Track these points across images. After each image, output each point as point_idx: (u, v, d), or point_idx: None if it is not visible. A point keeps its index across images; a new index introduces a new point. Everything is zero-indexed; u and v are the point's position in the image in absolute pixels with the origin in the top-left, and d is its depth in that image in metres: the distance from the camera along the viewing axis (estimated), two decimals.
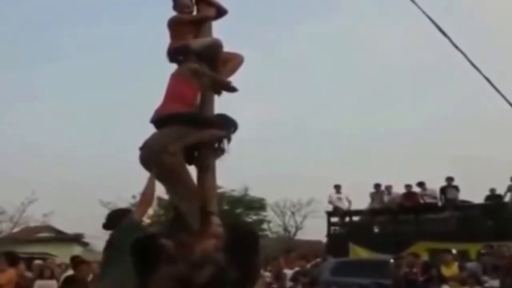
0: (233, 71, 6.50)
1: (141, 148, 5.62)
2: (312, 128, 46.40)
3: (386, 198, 19.66)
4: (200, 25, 6.54)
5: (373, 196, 19.87)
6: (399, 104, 46.32)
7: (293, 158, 43.66)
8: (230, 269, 4.65)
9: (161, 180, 5.66)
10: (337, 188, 20.44)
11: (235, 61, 6.53)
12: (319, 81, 48.68)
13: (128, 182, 35.90)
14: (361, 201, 20.57)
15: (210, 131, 5.95)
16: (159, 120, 5.78)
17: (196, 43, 6.33)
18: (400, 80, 46.42)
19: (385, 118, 44.92)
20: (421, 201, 18.98)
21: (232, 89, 6.46)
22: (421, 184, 19.04)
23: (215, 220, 5.60)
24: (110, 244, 5.20)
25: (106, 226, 5.30)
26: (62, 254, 18.47)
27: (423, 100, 45.29)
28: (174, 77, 6.00)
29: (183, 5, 6.60)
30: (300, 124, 48.06)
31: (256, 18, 45.47)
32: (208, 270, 4.92)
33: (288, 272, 14.58)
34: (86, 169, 39.27)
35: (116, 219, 5.19)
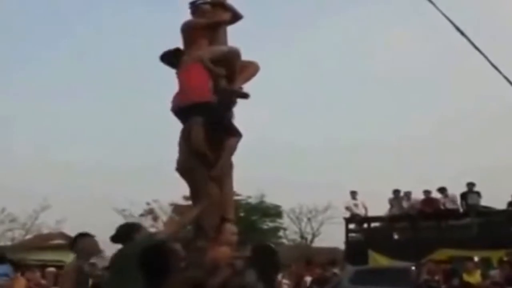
0: (247, 79, 6.41)
1: (179, 160, 5.78)
2: (328, 133, 46.19)
3: (405, 204, 19.34)
4: (215, 30, 6.39)
5: (392, 202, 19.54)
6: (416, 110, 45.83)
7: (309, 163, 43.44)
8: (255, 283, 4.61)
9: (189, 187, 5.79)
10: (353, 194, 20.18)
11: (250, 69, 6.43)
12: (333, 87, 48.41)
13: (142, 188, 36.18)
14: (379, 208, 20.33)
15: (233, 142, 5.91)
16: (180, 110, 5.85)
17: (210, 52, 6.19)
18: (418, 83, 45.98)
19: (402, 123, 44.51)
20: (442, 207, 18.65)
21: (244, 96, 6.35)
22: (442, 190, 18.69)
23: (230, 228, 5.50)
24: (112, 266, 5.17)
25: (114, 239, 5.20)
26: None
27: (440, 104, 44.82)
28: (187, 66, 6.01)
29: (203, 11, 6.43)
30: (317, 130, 47.82)
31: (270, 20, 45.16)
32: (221, 276, 4.89)
33: (308, 280, 14.40)
34: (100, 176, 39.24)
35: (123, 234, 5.14)
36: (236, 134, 5.91)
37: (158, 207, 31.25)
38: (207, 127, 5.72)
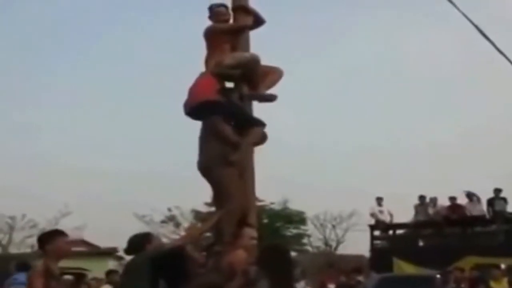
0: (272, 84, 6.39)
1: (199, 157, 5.82)
2: (355, 138, 45.90)
3: (431, 211, 19.10)
4: (238, 34, 6.36)
5: (417, 208, 19.31)
6: (444, 115, 45.41)
7: (335, 169, 43.24)
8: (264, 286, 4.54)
9: (212, 188, 5.83)
10: (379, 200, 19.97)
11: (274, 75, 6.44)
12: (361, 92, 48.11)
13: (162, 194, 36.27)
14: (404, 214, 20.11)
15: (256, 131, 5.90)
16: (193, 110, 5.91)
17: (231, 59, 6.16)
18: (447, 88, 45.51)
19: (430, 128, 44.08)
20: (468, 213, 18.39)
21: (270, 98, 6.32)
22: (469, 195, 18.42)
23: (249, 232, 5.47)
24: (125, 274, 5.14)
25: (127, 252, 5.22)
26: (96, 268, 18.29)
27: (468, 109, 44.34)
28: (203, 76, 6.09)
29: (218, 13, 6.41)
30: (344, 135, 47.59)
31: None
32: (237, 282, 4.86)
33: (332, 287, 14.27)
34: (121, 182, 39.45)
35: (136, 245, 5.18)
36: (258, 123, 5.94)
37: (180, 214, 31.31)
38: (229, 123, 5.80)
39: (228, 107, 5.92)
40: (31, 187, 35.90)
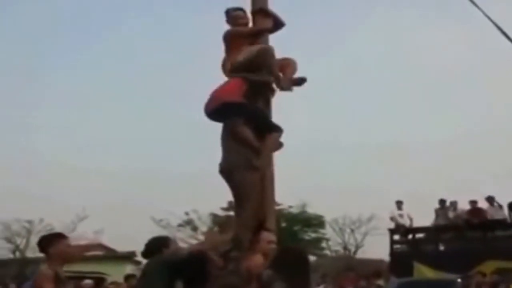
0: (292, 75, 6.35)
1: (222, 160, 5.81)
2: (373, 140, 45.68)
3: (451, 215, 18.92)
4: (257, 38, 6.31)
5: (438, 212, 19.12)
6: (461, 117, 45.14)
7: (353, 172, 43.03)
8: None
9: (232, 191, 5.77)
10: (399, 204, 19.79)
11: (291, 68, 6.38)
12: (376, 89, 47.91)
13: (180, 198, 36.28)
14: (424, 218, 19.93)
15: (274, 137, 5.90)
16: (214, 111, 5.89)
17: (243, 54, 6.13)
18: (465, 87, 45.21)
19: (447, 131, 43.75)
20: (489, 217, 18.19)
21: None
22: (489, 199, 18.23)
23: (267, 236, 5.43)
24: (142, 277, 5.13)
25: (144, 255, 5.23)
26: (114, 273, 18.32)
27: (488, 111, 43.92)
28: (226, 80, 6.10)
29: (236, 17, 6.38)
30: (360, 137, 47.37)
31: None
32: (253, 286, 4.82)
33: None
34: (138, 185, 39.53)
35: (153, 249, 5.19)
36: (276, 129, 5.90)
37: (197, 218, 31.32)
38: (249, 126, 5.76)
39: (250, 110, 5.90)
40: (48, 191, 36.04)
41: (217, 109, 5.88)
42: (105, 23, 51.17)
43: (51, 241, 5.37)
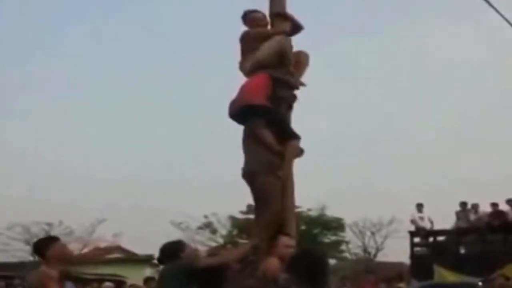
0: (305, 70, 6.39)
1: (244, 165, 5.81)
2: (394, 141, 45.44)
3: (472, 217, 18.74)
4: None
5: (459, 215, 18.96)
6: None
7: (372, 174, 42.82)
8: None
9: (253, 194, 5.78)
10: (419, 207, 19.62)
11: (303, 61, 6.40)
12: (393, 89, 47.73)
13: (199, 201, 36.34)
14: (445, 221, 19.78)
15: (294, 145, 5.89)
16: (237, 113, 5.91)
17: (262, 51, 6.11)
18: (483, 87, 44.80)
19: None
20: (510, 219, 17.98)
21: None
22: (510, 202, 18.02)
23: (286, 241, 5.40)
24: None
25: (159, 260, 5.24)
26: (133, 276, 18.38)
27: None
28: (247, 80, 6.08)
29: (255, 19, 6.36)
30: (381, 137, 47.13)
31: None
32: None
33: None
34: (157, 189, 39.67)
35: (168, 253, 5.20)
36: (295, 136, 5.86)
37: (216, 220, 31.30)
38: (269, 129, 5.74)
39: (272, 113, 5.88)
40: (68, 194, 36.30)
41: (240, 111, 5.88)
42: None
43: (47, 244, 5.40)
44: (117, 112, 47.31)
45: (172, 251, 5.20)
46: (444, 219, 19.78)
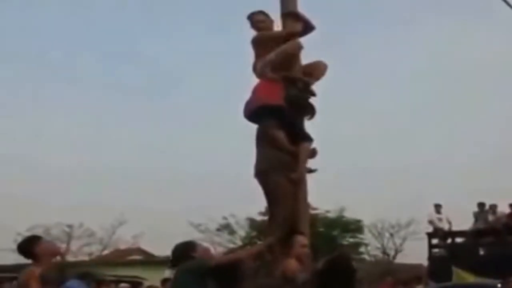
0: (321, 76, 6.40)
1: (256, 161, 5.87)
2: (409, 144, 45.17)
3: (490, 218, 18.60)
4: (286, 41, 6.31)
5: (477, 216, 18.84)
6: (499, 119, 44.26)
7: (390, 176, 42.58)
8: None
9: (265, 193, 5.84)
10: (438, 207, 19.53)
11: (320, 69, 6.43)
12: (405, 89, 47.42)
13: (218, 202, 36.35)
14: (463, 221, 19.65)
15: (306, 147, 5.95)
16: (253, 113, 6.00)
17: (276, 53, 6.17)
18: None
19: (486, 134, 43.04)
20: None
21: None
22: None
23: (301, 240, 5.43)
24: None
25: (173, 261, 5.28)
26: (152, 277, 18.46)
27: None
28: (260, 80, 6.15)
29: (257, 21, 6.42)
30: (396, 139, 46.88)
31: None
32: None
33: None
34: (175, 190, 39.73)
35: (180, 254, 5.23)
36: (308, 139, 5.90)
37: (235, 222, 31.36)
38: (283, 130, 5.80)
39: (287, 114, 5.92)
40: (88, 195, 36.53)
41: (256, 111, 5.94)
42: None
43: (33, 243, 5.43)
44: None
45: (184, 252, 5.23)
46: (463, 220, 19.68)
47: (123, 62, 52.07)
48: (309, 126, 6.24)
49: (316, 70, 6.36)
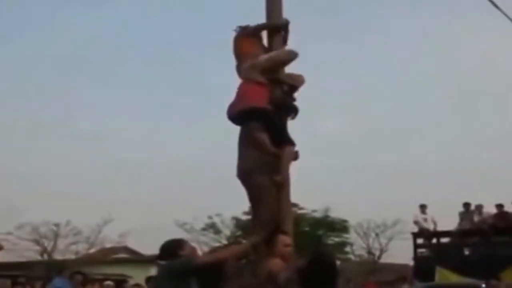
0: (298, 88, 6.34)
1: (239, 162, 5.86)
2: (395, 146, 45.35)
3: (476, 218, 18.62)
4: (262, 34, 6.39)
5: (462, 216, 18.86)
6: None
7: (377, 177, 42.72)
8: None
9: (249, 194, 5.81)
10: (423, 208, 19.53)
11: (299, 80, 6.35)
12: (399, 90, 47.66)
13: (204, 202, 36.34)
14: (449, 222, 19.68)
15: (290, 150, 5.91)
16: (237, 115, 5.91)
17: (264, 57, 6.15)
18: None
19: (472, 135, 43.33)
20: None
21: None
22: None
23: (284, 239, 5.43)
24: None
25: (160, 258, 5.23)
26: (138, 276, 18.46)
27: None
28: (245, 81, 6.05)
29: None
30: (383, 140, 47.05)
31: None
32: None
33: None
34: (163, 189, 39.69)
35: (168, 252, 5.15)
36: (290, 143, 5.86)
37: (220, 221, 31.40)
38: (266, 132, 5.75)
39: (271, 117, 5.88)
40: (75, 193, 36.40)
41: (241, 113, 5.89)
42: None
43: None
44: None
45: (172, 249, 5.18)
46: (449, 220, 19.70)
47: None
48: (294, 126, 6.22)
49: (296, 80, 6.31)
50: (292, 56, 6.24)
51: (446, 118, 46.20)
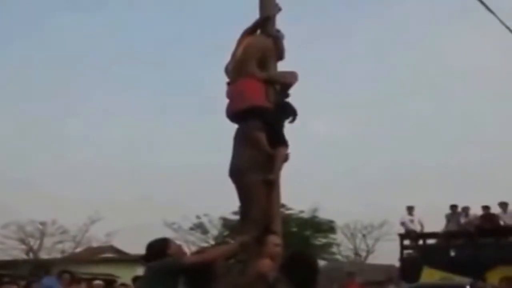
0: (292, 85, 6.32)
1: (233, 159, 5.83)
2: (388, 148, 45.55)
3: (463, 220, 18.70)
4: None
5: (449, 217, 18.92)
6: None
7: (365, 178, 42.86)
8: None
9: (239, 192, 5.80)
10: (410, 209, 19.59)
11: (293, 77, 6.34)
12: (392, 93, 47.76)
13: (192, 202, 36.29)
14: (435, 223, 19.75)
15: (283, 151, 5.93)
16: (237, 114, 5.92)
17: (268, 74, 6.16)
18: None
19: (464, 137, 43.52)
20: (502, 223, 17.97)
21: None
22: (502, 205, 18.01)
23: (274, 239, 5.45)
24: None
25: (146, 258, 5.22)
26: (125, 275, 18.42)
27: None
28: (242, 79, 6.01)
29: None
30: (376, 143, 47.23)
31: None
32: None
33: None
34: (150, 189, 39.62)
35: (155, 250, 5.15)
36: (285, 144, 5.87)
37: (208, 221, 31.40)
38: (264, 132, 5.77)
39: (270, 116, 5.89)
40: (61, 192, 36.28)
41: (241, 111, 5.88)
42: None
43: None
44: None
45: (158, 249, 5.16)
46: (435, 222, 19.77)
47: None
48: (285, 127, 6.20)
49: (289, 78, 6.32)
50: (294, 81, 6.25)
51: (434, 121, 46.36)
